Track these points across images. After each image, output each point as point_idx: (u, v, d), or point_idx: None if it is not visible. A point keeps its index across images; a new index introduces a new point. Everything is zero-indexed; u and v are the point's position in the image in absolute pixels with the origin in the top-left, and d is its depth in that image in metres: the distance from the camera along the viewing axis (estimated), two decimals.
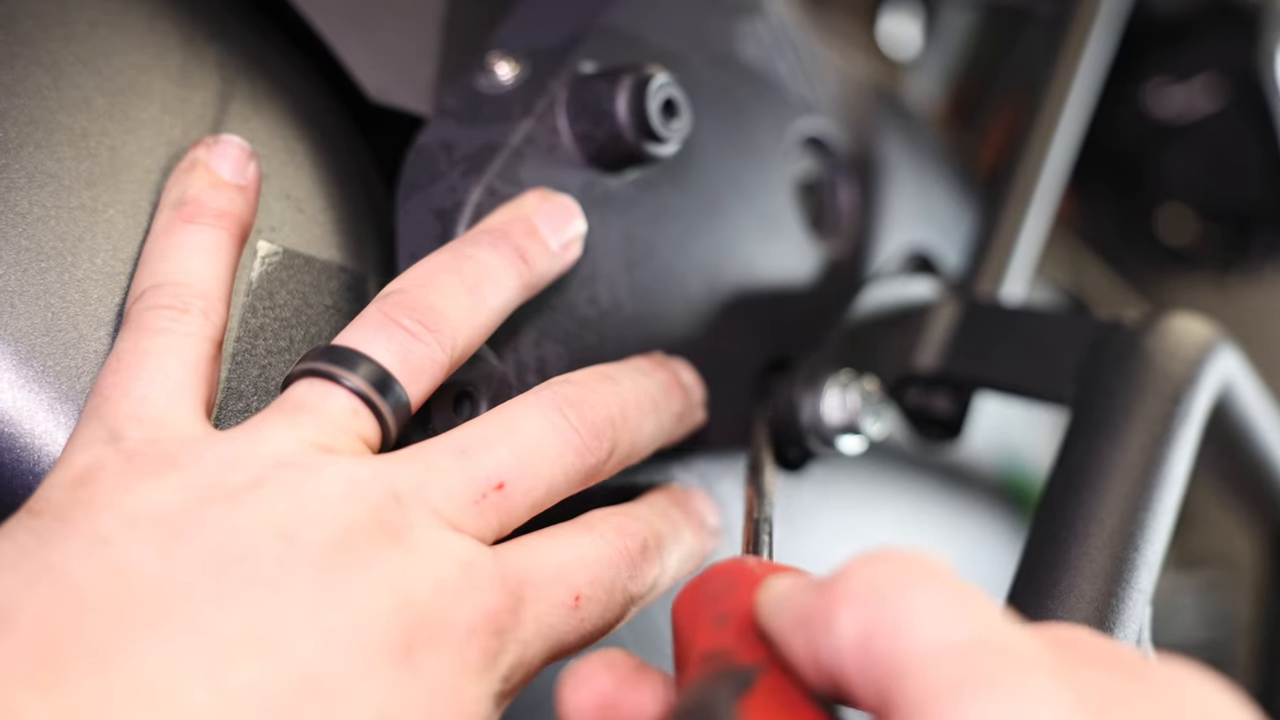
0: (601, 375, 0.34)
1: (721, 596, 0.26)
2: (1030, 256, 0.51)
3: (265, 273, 0.34)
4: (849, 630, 0.22)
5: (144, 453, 0.27)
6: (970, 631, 0.21)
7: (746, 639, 0.25)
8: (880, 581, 0.22)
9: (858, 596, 0.22)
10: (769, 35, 0.47)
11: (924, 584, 0.21)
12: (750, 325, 0.44)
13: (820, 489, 0.46)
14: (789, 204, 0.47)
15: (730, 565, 0.28)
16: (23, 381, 0.30)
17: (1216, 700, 0.21)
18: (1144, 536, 0.35)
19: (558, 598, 0.30)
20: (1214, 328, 0.41)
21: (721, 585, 0.27)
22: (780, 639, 0.24)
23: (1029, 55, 0.78)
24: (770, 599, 0.25)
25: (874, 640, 0.21)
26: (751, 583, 0.26)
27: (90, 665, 0.23)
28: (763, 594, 0.25)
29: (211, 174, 0.33)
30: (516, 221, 0.35)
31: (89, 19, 0.34)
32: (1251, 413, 0.44)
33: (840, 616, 0.22)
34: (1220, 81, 0.77)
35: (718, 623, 0.26)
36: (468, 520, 0.29)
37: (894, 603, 0.21)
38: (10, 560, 0.25)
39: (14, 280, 0.30)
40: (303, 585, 0.25)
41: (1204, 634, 0.85)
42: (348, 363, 0.29)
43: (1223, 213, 0.83)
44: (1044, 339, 0.44)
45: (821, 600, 0.22)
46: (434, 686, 0.26)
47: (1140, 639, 0.34)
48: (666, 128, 0.38)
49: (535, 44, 0.40)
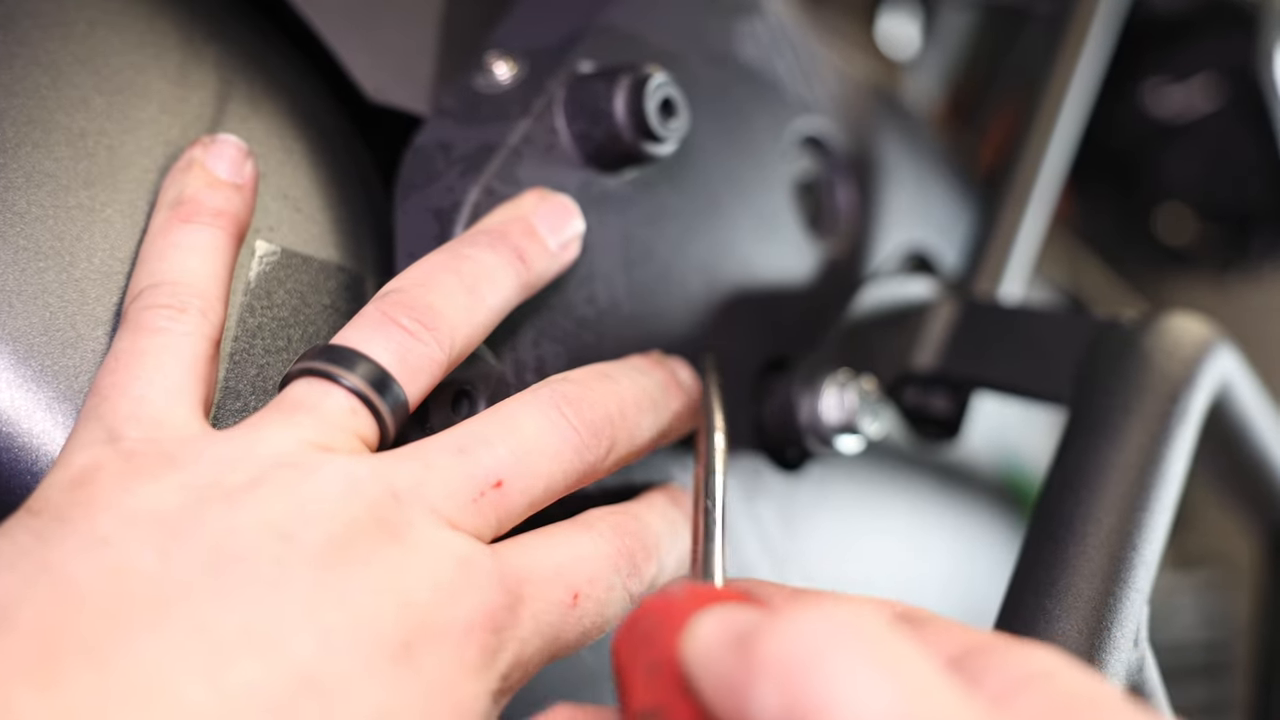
0: (600, 374, 0.34)
1: (653, 638, 0.24)
2: (1028, 256, 0.51)
3: (263, 272, 0.34)
4: (772, 708, 0.20)
5: (143, 453, 0.27)
6: (903, 711, 0.19)
7: (678, 694, 0.23)
8: (799, 651, 0.20)
9: (776, 668, 0.20)
10: (767, 35, 0.47)
11: (846, 654, 0.20)
12: (748, 325, 0.44)
13: (818, 489, 0.46)
14: (787, 203, 0.47)
15: (659, 602, 0.25)
16: (21, 381, 0.30)
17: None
18: (1142, 536, 0.35)
19: (556, 596, 0.30)
20: (1212, 327, 0.41)
21: (651, 625, 0.25)
22: (706, 702, 0.22)
23: (1028, 55, 0.78)
24: (691, 655, 0.23)
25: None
26: (679, 623, 0.24)
27: (88, 663, 0.23)
28: (685, 646, 0.23)
29: (208, 173, 0.33)
30: (514, 221, 0.35)
31: (87, 19, 0.34)
32: (1250, 412, 0.44)
33: (759, 691, 0.20)
34: (1219, 81, 0.77)
35: (650, 672, 0.24)
36: (466, 518, 0.29)
37: (814, 678, 0.19)
38: (9, 560, 0.25)
39: (12, 280, 0.30)
40: (301, 584, 0.25)
41: (1202, 634, 0.85)
42: (346, 362, 0.29)
43: (1222, 212, 0.83)
44: (1042, 338, 0.44)
45: (741, 667, 0.21)
46: (432, 685, 0.26)
47: (1138, 639, 0.34)
48: (664, 127, 0.38)
49: (533, 44, 0.40)
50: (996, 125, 0.78)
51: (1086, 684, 0.22)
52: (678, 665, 0.23)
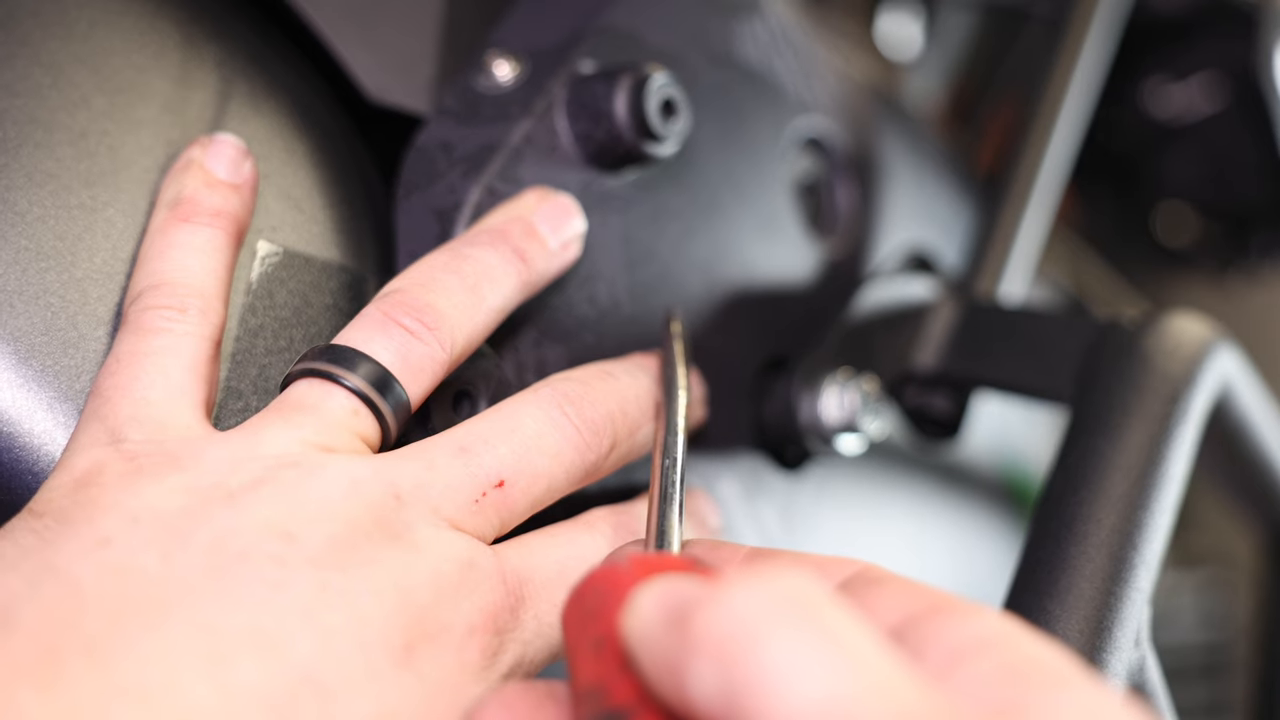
0: (601, 372, 0.34)
1: (597, 614, 0.24)
2: (1029, 256, 0.51)
3: (264, 272, 0.34)
4: (709, 688, 0.19)
5: (145, 454, 0.27)
6: (841, 689, 0.18)
7: (620, 671, 0.22)
8: (737, 627, 0.19)
9: (713, 646, 0.19)
10: (768, 35, 0.47)
11: (783, 629, 0.19)
12: (749, 324, 0.44)
13: (819, 489, 0.46)
14: (787, 204, 0.47)
15: (604, 574, 0.25)
16: (22, 381, 0.30)
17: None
18: (1143, 536, 0.35)
19: (558, 597, 0.30)
20: (1213, 327, 0.41)
21: (595, 601, 0.24)
22: (645, 681, 0.21)
23: (1028, 55, 0.78)
24: (631, 632, 0.22)
25: (736, 700, 0.19)
26: (622, 597, 0.23)
27: (90, 663, 0.23)
28: (625, 622, 0.22)
29: (206, 173, 0.33)
30: (515, 221, 0.35)
31: (88, 18, 0.34)
32: (1251, 412, 0.44)
33: (697, 669, 0.19)
34: (1219, 81, 0.77)
35: (595, 649, 0.23)
36: (468, 519, 0.29)
37: (752, 657, 0.19)
38: (12, 561, 0.25)
39: (13, 279, 0.30)
40: (303, 584, 0.25)
41: (1203, 634, 0.85)
42: (347, 362, 0.29)
43: (1222, 213, 0.83)
44: (1043, 338, 0.44)
45: (678, 645, 0.20)
46: (434, 686, 0.26)
47: (1139, 639, 0.34)
48: (665, 127, 0.38)
49: (534, 44, 0.40)
50: (997, 126, 0.78)
51: (1032, 650, 0.21)
52: (620, 642, 0.22)
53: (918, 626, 0.23)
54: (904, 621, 0.23)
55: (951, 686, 0.21)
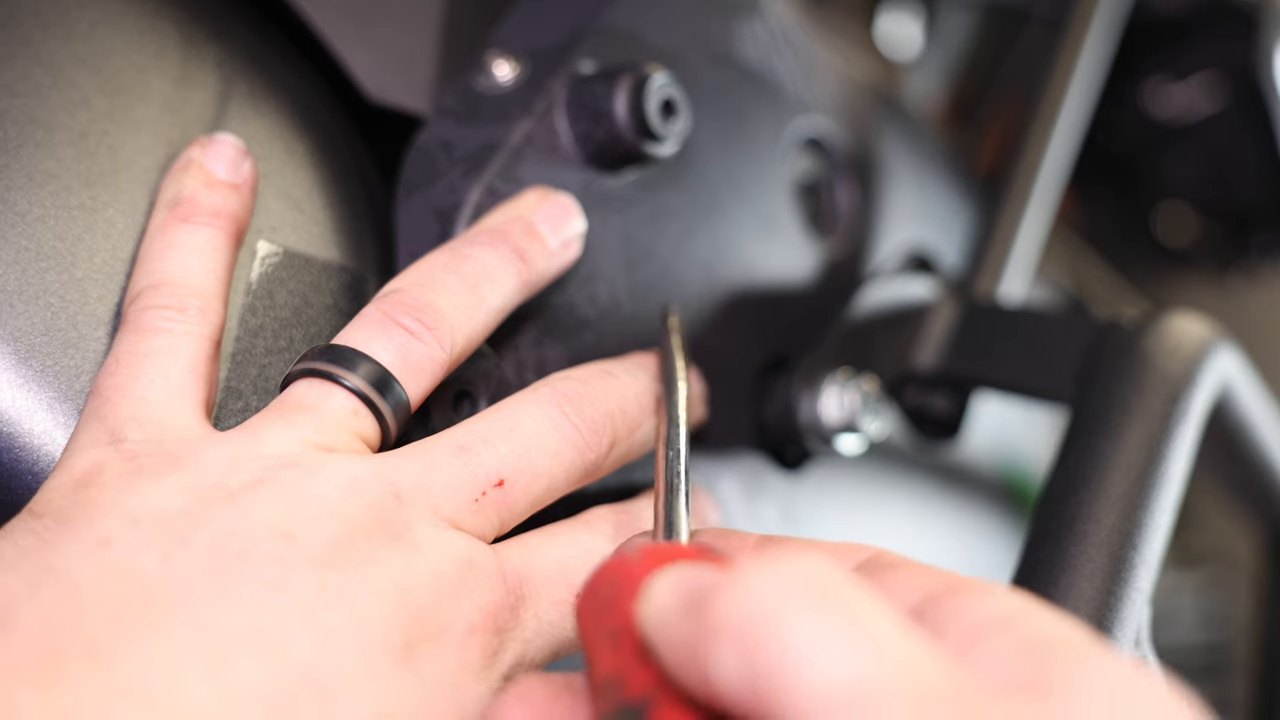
0: (601, 371, 0.34)
1: (611, 606, 0.24)
2: (1029, 256, 0.51)
3: (264, 272, 0.34)
4: (731, 672, 0.19)
5: (145, 454, 0.27)
6: (865, 669, 0.18)
7: (638, 662, 0.22)
8: (758, 611, 0.19)
9: (735, 630, 0.19)
10: (768, 35, 0.47)
11: (805, 611, 0.19)
12: (749, 324, 0.44)
13: (819, 489, 0.46)
14: (787, 204, 0.47)
15: (615, 566, 0.25)
16: (22, 381, 0.30)
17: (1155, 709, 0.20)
18: (1143, 536, 0.35)
19: (558, 595, 0.30)
20: (1213, 327, 0.41)
21: (609, 592, 0.24)
22: (665, 670, 0.22)
23: (1028, 55, 0.78)
24: (648, 621, 0.22)
25: (760, 683, 0.19)
26: (635, 587, 0.23)
27: (91, 663, 0.23)
28: (641, 612, 0.22)
29: (206, 173, 0.33)
30: (515, 221, 0.35)
31: (89, 19, 0.34)
32: (1251, 412, 0.44)
33: (719, 654, 0.19)
34: (1219, 81, 0.77)
35: (611, 640, 0.23)
36: (468, 518, 0.29)
37: (775, 639, 0.19)
38: (11, 561, 0.25)
39: (13, 279, 0.30)
40: (303, 584, 0.25)
41: (1203, 634, 0.85)
42: (347, 362, 0.29)
43: (1222, 213, 0.83)
44: (1043, 338, 0.44)
45: (698, 631, 0.20)
46: (434, 685, 0.26)
47: (1139, 639, 0.34)
48: (665, 127, 0.38)
49: (534, 44, 0.40)
50: (997, 125, 0.78)
51: (1050, 626, 0.21)
52: (636, 631, 0.22)
53: (936, 606, 0.23)
54: (922, 602, 0.23)
55: (972, 663, 0.21)
